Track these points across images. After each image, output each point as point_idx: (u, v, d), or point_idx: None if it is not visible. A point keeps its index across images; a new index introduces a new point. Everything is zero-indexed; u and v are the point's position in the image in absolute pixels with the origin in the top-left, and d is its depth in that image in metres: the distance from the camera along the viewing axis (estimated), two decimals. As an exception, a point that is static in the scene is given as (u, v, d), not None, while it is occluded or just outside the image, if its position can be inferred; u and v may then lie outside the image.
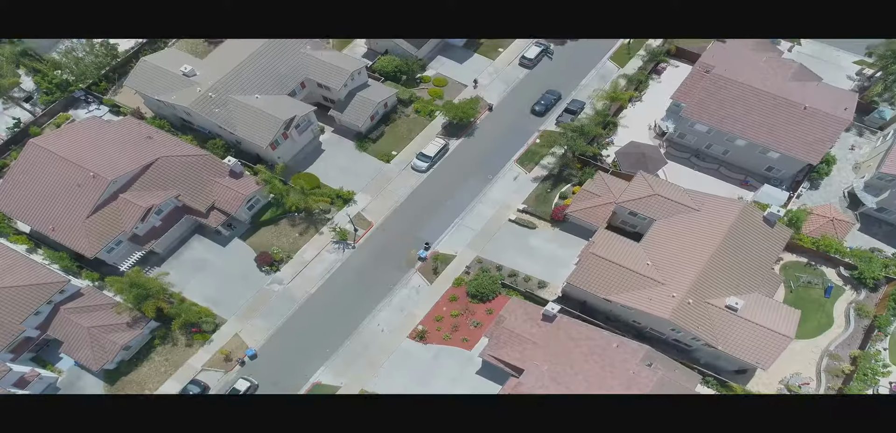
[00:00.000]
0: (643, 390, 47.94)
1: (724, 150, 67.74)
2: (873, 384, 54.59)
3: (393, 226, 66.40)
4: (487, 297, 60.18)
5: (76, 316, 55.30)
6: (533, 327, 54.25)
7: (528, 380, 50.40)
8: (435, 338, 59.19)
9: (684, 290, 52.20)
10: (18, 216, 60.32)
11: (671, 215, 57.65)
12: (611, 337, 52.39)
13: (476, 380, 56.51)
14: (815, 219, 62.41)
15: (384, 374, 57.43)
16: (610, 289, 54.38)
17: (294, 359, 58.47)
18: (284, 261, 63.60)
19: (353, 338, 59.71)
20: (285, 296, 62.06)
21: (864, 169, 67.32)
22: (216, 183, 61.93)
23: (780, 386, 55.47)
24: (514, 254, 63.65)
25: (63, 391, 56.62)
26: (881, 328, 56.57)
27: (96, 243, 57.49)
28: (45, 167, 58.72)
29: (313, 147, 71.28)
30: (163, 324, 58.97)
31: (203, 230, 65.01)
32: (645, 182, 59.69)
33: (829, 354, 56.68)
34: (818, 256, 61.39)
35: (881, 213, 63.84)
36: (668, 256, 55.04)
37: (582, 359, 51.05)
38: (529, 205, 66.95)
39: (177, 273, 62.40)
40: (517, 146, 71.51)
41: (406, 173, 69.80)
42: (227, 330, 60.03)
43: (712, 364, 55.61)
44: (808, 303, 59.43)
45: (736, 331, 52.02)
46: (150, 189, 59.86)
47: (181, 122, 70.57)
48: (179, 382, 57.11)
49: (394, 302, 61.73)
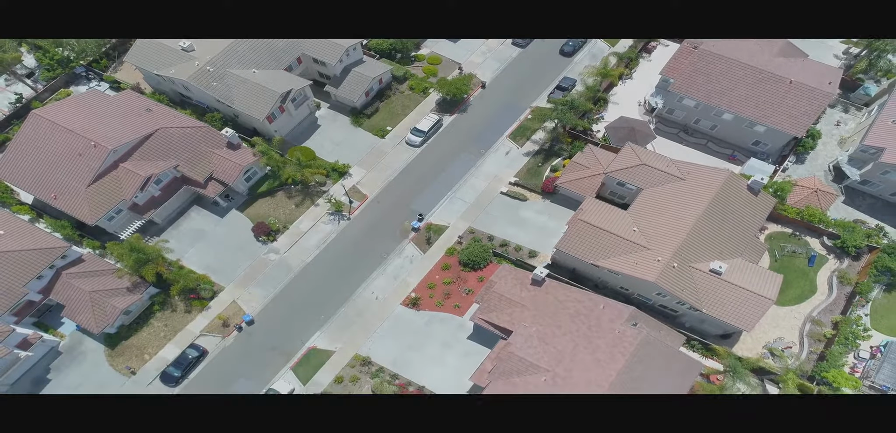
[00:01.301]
0: (628, 348, 49.43)
1: (712, 125, 69.16)
2: (854, 348, 56.03)
3: (387, 198, 67.85)
4: (479, 266, 61.63)
5: (78, 280, 56.74)
6: (522, 291, 55.70)
7: (517, 340, 51.84)
8: (427, 304, 60.62)
9: (669, 255, 53.60)
10: (21, 185, 61.71)
11: (658, 184, 59.08)
12: (598, 299, 53.86)
13: (467, 344, 57.96)
14: (799, 190, 63.82)
15: (378, 339, 58.88)
16: (597, 254, 55.80)
17: (290, 325, 59.93)
18: (281, 231, 65.05)
19: (347, 305, 61.14)
20: (282, 265, 63.53)
21: (849, 144, 68.72)
22: (214, 154, 63.39)
23: (764, 350, 56.88)
24: (505, 226, 65.10)
25: (65, 354, 58.16)
26: (862, 294, 57.99)
27: (97, 211, 58.94)
28: (47, 137, 60.14)
29: (309, 122, 72.72)
30: (162, 291, 60.48)
31: (201, 201, 66.48)
32: (633, 152, 61.10)
33: (812, 320, 58.09)
34: (802, 226, 62.81)
35: (864, 186, 65.26)
36: (654, 223, 56.47)
37: (569, 320, 52.52)
38: (521, 178, 68.41)
39: (176, 242, 63.85)
40: (509, 122, 72.94)
41: (400, 148, 71.23)
42: (225, 297, 61.48)
43: (697, 328, 57.06)
44: (792, 272, 60.88)
45: (719, 295, 53.41)
46: (150, 159, 61.30)
47: (180, 97, 71.99)
48: (178, 346, 58.58)
49: (388, 271, 63.18)
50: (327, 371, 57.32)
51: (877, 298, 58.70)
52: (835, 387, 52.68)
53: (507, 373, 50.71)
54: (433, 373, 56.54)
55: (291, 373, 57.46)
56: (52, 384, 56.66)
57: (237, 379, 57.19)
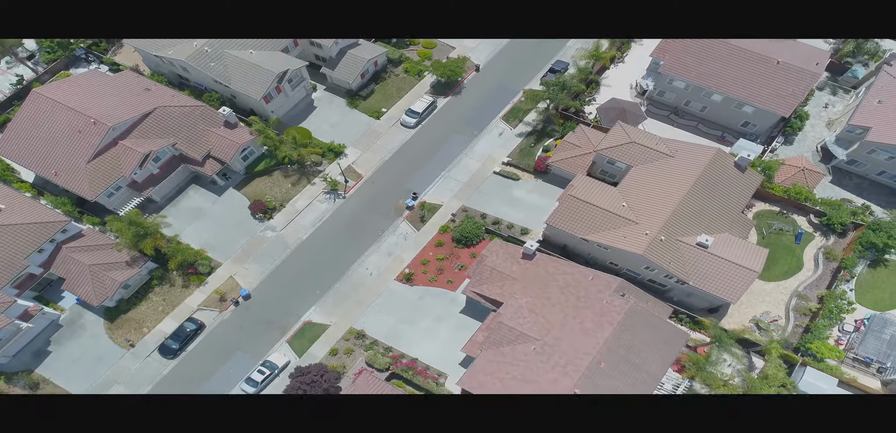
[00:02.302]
0: (615, 318, 50.60)
1: (702, 106, 70.23)
2: (838, 321, 57.16)
3: (382, 178, 69.00)
4: (472, 242, 62.77)
5: (78, 254, 57.93)
6: (513, 265, 56.85)
7: (507, 311, 53.02)
8: (421, 280, 61.78)
9: (657, 228, 54.73)
10: (22, 162, 62.89)
11: (647, 162, 60.19)
12: (587, 271, 55.02)
13: (460, 318, 59.14)
14: (786, 169, 64.92)
15: (372, 313, 60.06)
16: (587, 229, 56.94)
17: (286, 300, 61.11)
18: (277, 209, 66.23)
19: (342, 281, 62.32)
20: (278, 241, 64.70)
21: (837, 125, 69.77)
22: (211, 132, 64.54)
23: (750, 324, 58.01)
24: (498, 204, 66.24)
25: (65, 327, 59.37)
26: (847, 268, 59.11)
27: (97, 186, 60.11)
28: (48, 115, 61.29)
29: (306, 103, 73.87)
30: (160, 266, 61.64)
31: (199, 180, 67.63)
32: (623, 131, 62.22)
33: (798, 295, 59.22)
34: (790, 204, 63.91)
35: (851, 166, 66.32)
36: (642, 199, 57.58)
37: (558, 292, 53.67)
38: (513, 158, 69.54)
39: (174, 220, 65.04)
40: (503, 104, 74.03)
41: (395, 129, 72.38)
42: (222, 272, 62.68)
43: (685, 302, 58.17)
44: (780, 249, 62.00)
45: (706, 267, 54.56)
46: (148, 137, 62.46)
47: (178, 79, 73.11)
48: (176, 320, 59.81)
49: (382, 248, 64.34)
50: (322, 344, 58.51)
51: (861, 274, 59.81)
52: (819, 357, 53.83)
53: (497, 343, 51.89)
54: (426, 345, 57.71)
55: (287, 346, 58.67)
56: (52, 356, 57.91)
57: (234, 352, 58.40)
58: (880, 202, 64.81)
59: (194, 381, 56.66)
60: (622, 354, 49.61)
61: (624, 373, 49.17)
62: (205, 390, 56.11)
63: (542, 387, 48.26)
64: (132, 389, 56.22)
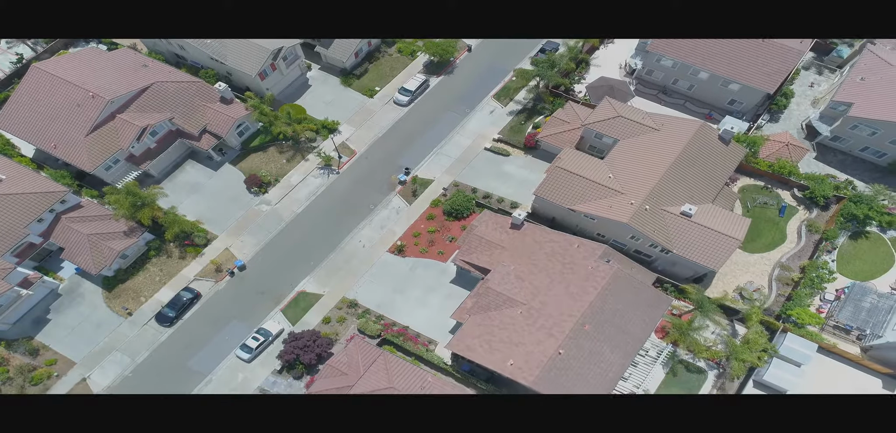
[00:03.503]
0: (600, 282, 51.95)
1: (689, 85, 71.57)
2: (820, 290, 58.50)
3: (375, 154, 70.35)
4: (462, 215, 64.10)
5: (77, 224, 59.26)
6: (502, 234, 58.20)
7: (495, 277, 54.35)
8: (412, 251, 63.13)
9: (642, 198, 56.04)
10: (21, 135, 64.22)
11: (633, 136, 61.52)
12: (573, 239, 56.36)
13: (450, 287, 60.48)
14: (771, 144, 66.26)
15: (364, 283, 61.40)
16: (574, 199, 58.27)
17: (280, 270, 62.47)
18: (272, 184, 67.56)
19: (336, 253, 63.65)
20: (273, 215, 66.05)
21: (822, 103, 71.11)
22: (207, 107, 65.87)
23: (734, 294, 59.36)
24: (488, 179, 67.58)
25: (64, 296, 60.71)
26: (829, 239, 60.47)
27: (95, 159, 61.46)
28: (47, 89, 62.62)
29: (300, 82, 75.20)
30: (157, 237, 62.97)
31: (196, 155, 68.97)
32: (610, 106, 63.55)
33: (781, 266, 60.58)
34: (774, 179, 65.25)
35: (835, 142, 67.63)
36: (628, 170, 58.89)
37: (545, 259, 55.03)
38: (504, 135, 70.89)
39: (171, 194, 66.36)
40: (494, 83, 75.39)
41: (388, 107, 73.73)
42: (218, 245, 64.02)
43: (669, 271, 59.49)
44: (764, 222, 63.35)
45: (689, 236, 55.88)
46: (146, 111, 63.79)
47: (175, 57, 74.43)
48: (173, 290, 61.13)
49: (375, 221, 65.69)
50: (316, 312, 59.85)
51: (843, 245, 61.16)
52: (800, 323, 55.18)
53: (485, 308, 53.23)
54: (417, 314, 59.06)
55: (281, 315, 60.00)
56: (51, 323, 59.25)
57: (230, 320, 59.74)
58: (863, 178, 66.10)
59: (190, 348, 58.01)
60: (606, 317, 50.98)
61: (608, 336, 50.53)
62: (201, 357, 57.48)
63: (528, 348, 49.65)
64: (130, 356, 57.56)
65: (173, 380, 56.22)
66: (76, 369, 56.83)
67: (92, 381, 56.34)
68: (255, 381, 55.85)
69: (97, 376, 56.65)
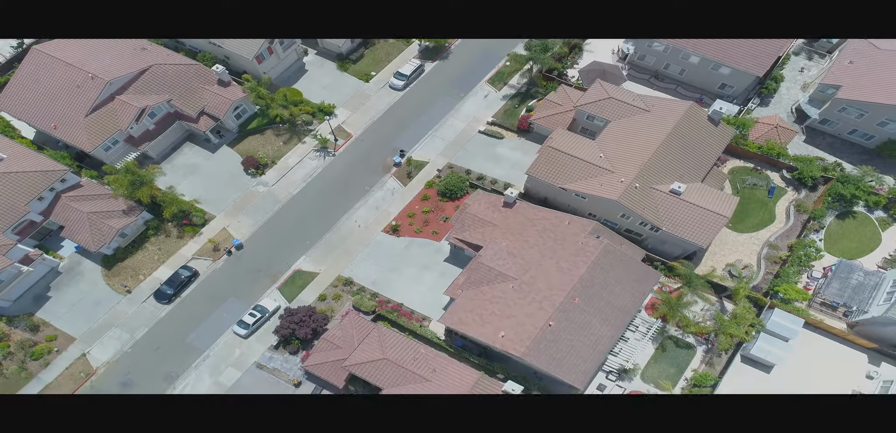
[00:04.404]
0: (590, 257, 52.96)
1: (680, 69, 72.57)
2: (807, 268, 59.52)
3: (371, 137, 71.36)
4: (456, 195, 65.11)
5: (76, 203, 60.26)
6: (494, 212, 59.20)
7: (487, 253, 55.34)
8: (407, 231, 64.12)
9: (632, 176, 57.05)
10: (22, 116, 65.21)
11: (624, 116, 62.51)
12: (564, 216, 57.35)
13: (444, 266, 61.49)
14: (760, 126, 67.25)
15: (360, 262, 62.41)
16: (565, 178, 59.27)
17: (277, 249, 63.47)
18: (269, 165, 68.53)
19: (331, 232, 64.65)
20: (269, 196, 67.04)
21: (812, 88, 72.09)
22: (205, 89, 66.87)
23: (724, 271, 60.39)
24: (482, 161, 68.58)
25: (64, 274, 61.72)
26: (816, 219, 61.48)
27: (95, 138, 62.47)
28: (47, 71, 63.65)
29: (297, 66, 76.19)
30: (156, 217, 63.97)
31: (194, 138, 69.96)
32: (602, 87, 64.55)
33: (769, 245, 61.60)
34: (763, 161, 66.24)
35: (824, 125, 68.61)
36: (618, 150, 59.87)
37: (536, 235, 56.04)
38: (498, 118, 71.87)
39: (169, 175, 67.36)
40: (488, 68, 76.40)
41: (384, 91, 74.73)
42: (216, 224, 65.03)
43: (659, 249, 60.52)
44: (753, 203, 64.38)
45: (678, 213, 56.85)
46: (145, 92, 64.78)
47: (174, 41, 75.37)
48: (171, 268, 62.13)
49: (370, 202, 66.69)
50: (311, 290, 60.85)
51: (830, 225, 62.18)
52: (787, 298, 56.19)
53: (477, 283, 54.23)
54: (411, 291, 60.07)
55: (278, 292, 61.00)
56: (52, 300, 60.24)
57: (227, 298, 60.73)
58: (852, 160, 67.05)
59: (188, 324, 59.00)
60: (596, 291, 51.98)
61: (597, 308, 51.55)
62: (198, 333, 58.48)
63: (519, 320, 50.64)
64: (129, 332, 58.56)
65: (171, 355, 57.25)
66: (76, 345, 57.83)
67: (91, 357, 57.35)
68: (252, 356, 56.87)
69: (97, 352, 57.65)
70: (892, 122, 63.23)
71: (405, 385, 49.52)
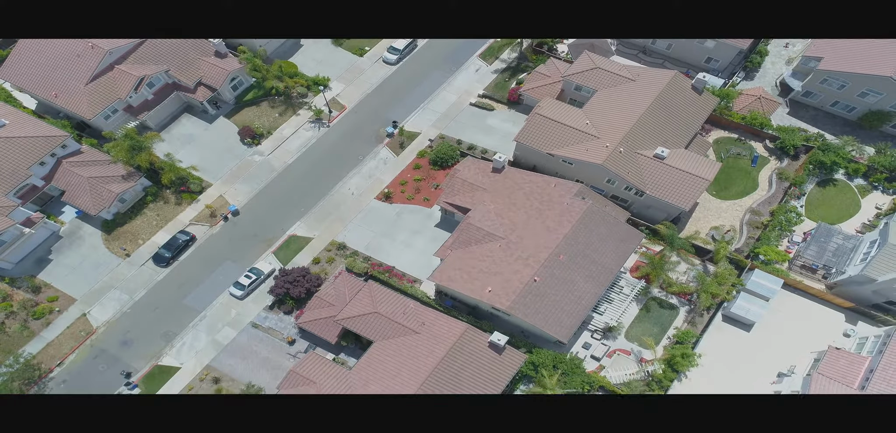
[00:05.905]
0: (574, 217, 54.63)
1: (667, 44, 74.18)
2: (788, 232, 61.21)
3: (364, 109, 72.98)
4: (447, 163, 66.75)
5: (77, 168, 61.91)
6: (483, 177, 60.87)
7: (476, 215, 56.97)
8: (399, 199, 65.81)
9: (617, 141, 58.74)
10: (24, 84, 66.83)
11: (611, 86, 64.17)
12: (551, 179, 59.01)
13: (434, 231, 63.18)
14: (744, 98, 68.87)
15: (353, 228, 64.07)
16: (553, 144, 60.93)
17: (272, 215, 65.13)
18: (265, 136, 70.18)
19: (325, 200, 66.31)
20: (265, 165, 68.69)
21: (796, 61, 73.70)
22: (202, 61, 68.49)
23: (707, 236, 62.06)
24: (473, 132, 70.23)
25: (65, 238, 63.38)
26: (797, 185, 63.15)
27: (95, 107, 64.14)
28: (48, 40, 65.10)
29: (293, 41, 77.73)
30: (154, 183, 65.62)
31: (191, 109, 71.58)
32: (589, 58, 66.21)
33: (752, 210, 63.30)
34: (747, 131, 67.90)
35: (807, 98, 70.23)
36: (604, 117, 61.56)
37: (524, 198, 57.70)
38: (489, 91, 73.51)
39: (168, 144, 69.02)
40: (479, 43, 77.96)
41: (377, 65, 76.36)
42: (213, 192, 66.67)
43: (644, 214, 62.17)
44: (736, 171, 66.02)
45: (662, 177, 58.53)
46: (143, 62, 66.42)
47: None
48: (169, 233, 63.80)
49: (363, 171, 68.34)
50: (306, 254, 62.53)
51: (812, 192, 63.86)
52: (766, 260, 57.87)
53: (466, 243, 55.90)
54: (403, 255, 61.74)
55: (273, 256, 62.67)
56: (53, 263, 61.90)
57: (223, 261, 62.39)
58: (834, 131, 68.59)
59: (185, 286, 60.67)
60: (580, 249, 53.66)
61: (582, 266, 53.24)
62: (195, 295, 60.15)
63: (505, 277, 52.31)
64: (128, 294, 60.22)
65: (170, 315, 58.92)
66: (77, 305, 59.50)
67: (92, 316, 59.01)
68: (248, 316, 58.53)
69: (97, 312, 59.31)
70: (872, 94, 64.81)
71: (395, 337, 51.22)
